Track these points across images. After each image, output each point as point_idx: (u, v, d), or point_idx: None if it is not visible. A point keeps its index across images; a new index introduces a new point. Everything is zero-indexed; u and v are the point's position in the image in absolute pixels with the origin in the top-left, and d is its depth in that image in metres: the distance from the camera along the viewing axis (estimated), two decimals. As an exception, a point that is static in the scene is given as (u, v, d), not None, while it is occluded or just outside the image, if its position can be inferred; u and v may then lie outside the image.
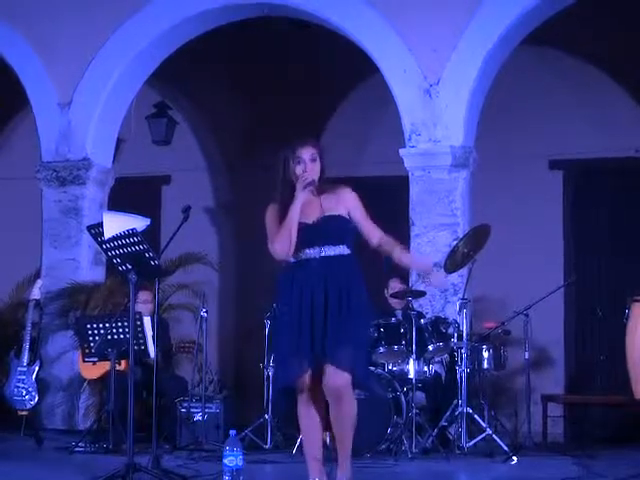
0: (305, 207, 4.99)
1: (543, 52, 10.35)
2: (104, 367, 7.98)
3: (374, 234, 5.08)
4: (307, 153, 5.03)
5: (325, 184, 5.07)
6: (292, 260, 4.99)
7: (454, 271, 8.07)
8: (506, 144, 10.30)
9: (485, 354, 7.90)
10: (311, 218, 4.98)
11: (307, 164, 5.01)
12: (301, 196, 4.94)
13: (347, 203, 5.03)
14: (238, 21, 9.59)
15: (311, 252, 4.96)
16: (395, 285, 8.42)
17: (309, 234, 4.95)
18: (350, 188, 5.08)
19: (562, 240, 10.63)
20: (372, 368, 7.34)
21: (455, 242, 8.11)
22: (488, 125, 9.15)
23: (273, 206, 5.06)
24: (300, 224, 4.95)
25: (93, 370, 8.16)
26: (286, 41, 10.61)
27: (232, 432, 5.21)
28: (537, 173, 10.57)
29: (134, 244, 5.73)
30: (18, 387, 8.54)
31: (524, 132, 10.47)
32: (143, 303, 8.13)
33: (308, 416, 4.98)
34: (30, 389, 8.54)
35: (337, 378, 4.88)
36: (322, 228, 4.95)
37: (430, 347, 7.78)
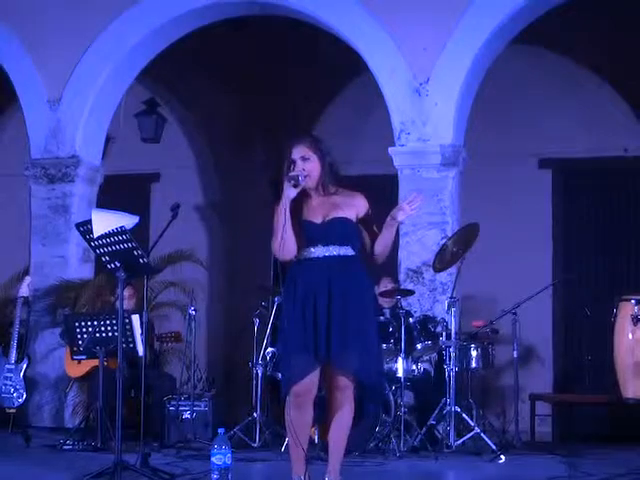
0: (314, 207, 4.98)
1: (533, 51, 10.36)
2: (89, 365, 7.97)
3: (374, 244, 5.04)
4: (297, 153, 4.99)
5: (335, 186, 5.02)
6: (297, 259, 4.97)
7: (443, 270, 8.09)
8: (495, 143, 10.31)
9: (473, 353, 7.90)
10: (319, 218, 4.96)
11: (298, 164, 4.98)
12: (287, 193, 4.88)
13: (358, 209, 5.00)
14: (229, 19, 9.58)
15: (316, 251, 4.94)
16: (386, 284, 8.42)
17: (315, 233, 4.93)
18: (363, 196, 5.05)
19: (551, 239, 10.65)
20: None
21: (444, 241, 8.12)
22: (477, 124, 9.16)
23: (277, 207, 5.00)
24: (308, 223, 4.94)
25: (78, 368, 8.15)
26: (277, 40, 10.60)
27: (220, 430, 5.21)
28: (526, 172, 10.59)
29: (123, 242, 5.73)
30: (6, 385, 8.51)
31: (513, 131, 10.49)
32: (125, 299, 8.10)
33: (298, 420, 4.93)
34: (18, 387, 8.51)
35: (339, 382, 4.89)
36: (328, 228, 4.93)
37: (418, 346, 7.80)
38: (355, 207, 5.01)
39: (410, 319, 7.81)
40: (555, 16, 8.88)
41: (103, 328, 7.54)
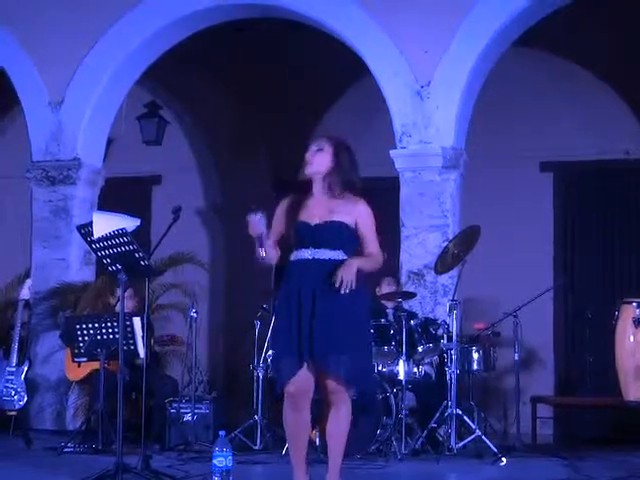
0: (312, 207, 4.97)
1: (534, 54, 10.36)
2: (89, 368, 7.97)
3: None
4: (315, 144, 5.02)
5: (341, 190, 5.00)
6: (291, 260, 4.98)
7: (444, 272, 8.09)
8: (497, 146, 10.31)
9: (475, 355, 7.91)
10: (315, 219, 4.95)
11: (311, 152, 4.99)
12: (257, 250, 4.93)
13: (357, 215, 4.97)
14: (230, 22, 9.59)
15: (305, 253, 4.94)
16: (389, 283, 8.39)
17: (307, 235, 4.92)
18: (365, 203, 5.03)
19: (552, 242, 10.64)
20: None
21: (445, 243, 8.12)
22: (479, 127, 9.15)
23: (285, 200, 5.05)
24: (302, 224, 4.94)
25: (78, 371, 8.15)
26: (278, 42, 10.60)
27: (221, 433, 5.21)
28: (528, 175, 10.59)
29: (124, 244, 5.73)
30: (7, 387, 8.52)
31: (515, 134, 10.49)
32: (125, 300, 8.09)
33: (295, 421, 4.93)
34: (19, 389, 8.51)
35: (329, 385, 4.88)
36: (322, 231, 4.92)
37: (420, 348, 7.79)
38: (355, 213, 4.98)
39: (411, 321, 7.80)
40: (558, 19, 8.88)
41: (104, 330, 7.53)
